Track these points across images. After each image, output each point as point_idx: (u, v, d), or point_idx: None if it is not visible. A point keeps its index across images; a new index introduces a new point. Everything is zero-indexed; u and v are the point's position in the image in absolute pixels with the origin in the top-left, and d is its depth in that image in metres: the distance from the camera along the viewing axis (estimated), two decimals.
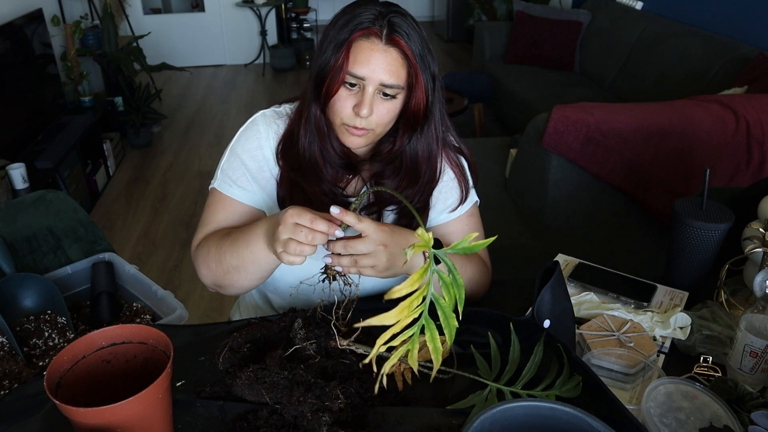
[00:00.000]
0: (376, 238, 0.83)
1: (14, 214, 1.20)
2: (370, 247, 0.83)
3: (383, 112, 0.93)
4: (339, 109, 0.93)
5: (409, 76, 0.92)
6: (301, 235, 0.80)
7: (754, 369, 0.86)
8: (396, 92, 0.92)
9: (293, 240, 0.80)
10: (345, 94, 0.92)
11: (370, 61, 0.89)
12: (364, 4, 0.91)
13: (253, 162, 1.02)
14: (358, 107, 0.91)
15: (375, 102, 0.92)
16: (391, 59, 0.90)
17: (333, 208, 0.80)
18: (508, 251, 2.18)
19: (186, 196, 3.45)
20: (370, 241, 0.83)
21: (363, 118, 0.92)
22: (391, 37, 0.89)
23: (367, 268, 0.84)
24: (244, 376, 0.76)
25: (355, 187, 1.06)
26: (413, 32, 0.91)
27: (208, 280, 1.00)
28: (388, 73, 0.90)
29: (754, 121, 1.99)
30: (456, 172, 1.07)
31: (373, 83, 0.90)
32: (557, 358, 0.81)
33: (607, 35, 3.84)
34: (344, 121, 0.94)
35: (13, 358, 0.99)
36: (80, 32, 3.70)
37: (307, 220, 0.80)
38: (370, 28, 0.89)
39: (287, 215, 0.81)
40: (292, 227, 0.80)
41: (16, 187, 2.60)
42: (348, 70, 0.90)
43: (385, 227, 0.85)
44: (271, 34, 6.02)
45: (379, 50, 0.89)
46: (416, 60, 0.91)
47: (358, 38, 0.89)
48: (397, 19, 0.90)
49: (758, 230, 1.02)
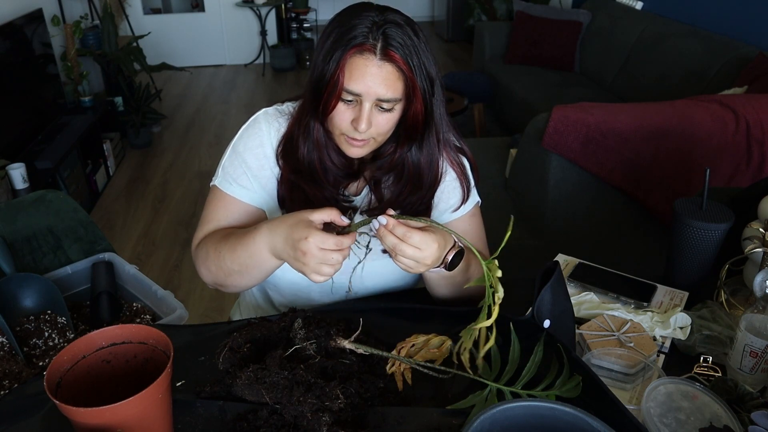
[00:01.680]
0: (428, 254, 0.85)
1: (14, 214, 1.20)
2: (418, 258, 0.84)
3: (382, 122, 0.93)
4: (338, 123, 0.93)
5: (406, 87, 0.91)
6: (332, 260, 0.82)
7: (754, 369, 0.86)
8: (393, 105, 0.92)
9: (325, 265, 0.82)
10: (343, 109, 0.92)
11: (365, 77, 0.88)
12: (358, 14, 0.89)
13: (254, 160, 1.02)
14: (356, 122, 0.91)
15: (373, 115, 0.91)
16: (386, 74, 0.88)
17: (383, 218, 0.83)
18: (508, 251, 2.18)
19: (186, 196, 3.45)
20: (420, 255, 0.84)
21: (362, 132, 0.92)
22: (386, 51, 0.87)
23: (409, 260, 0.85)
24: (244, 376, 0.76)
25: (357, 186, 1.06)
26: (409, 41, 0.89)
27: (208, 279, 1.01)
28: (384, 88, 0.89)
29: (754, 121, 1.99)
30: (457, 172, 1.07)
31: (370, 98, 0.90)
32: (557, 358, 0.81)
33: (607, 35, 3.84)
34: (344, 131, 0.94)
35: (13, 358, 0.99)
36: (80, 32, 3.70)
37: (332, 244, 0.81)
38: (363, 44, 0.87)
39: (311, 245, 0.81)
40: (321, 254, 0.81)
41: (16, 187, 2.60)
42: (344, 86, 0.89)
43: (435, 246, 0.85)
44: (271, 34, 6.02)
45: (374, 66, 0.88)
46: (413, 72, 0.89)
47: (352, 54, 0.88)
48: (392, 30, 0.88)
49: (758, 230, 1.02)
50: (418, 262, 0.85)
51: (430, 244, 0.84)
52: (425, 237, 0.84)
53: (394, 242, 0.83)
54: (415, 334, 0.87)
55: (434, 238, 0.85)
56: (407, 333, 0.88)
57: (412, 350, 0.86)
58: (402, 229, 0.83)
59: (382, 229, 0.84)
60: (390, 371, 0.82)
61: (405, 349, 0.85)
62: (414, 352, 0.86)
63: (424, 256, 0.84)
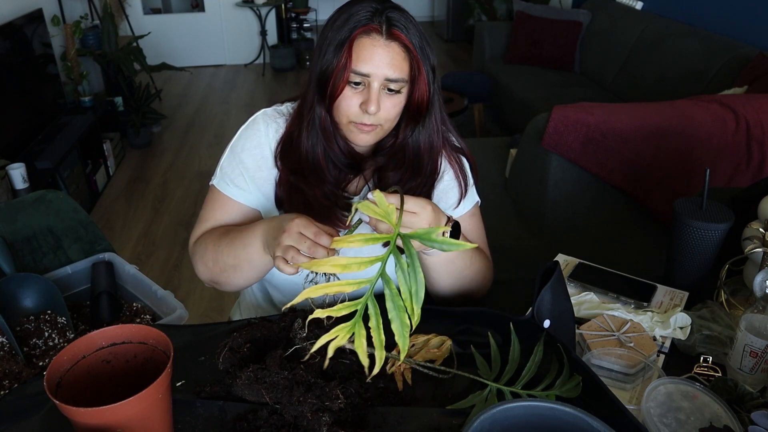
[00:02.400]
0: (424, 216, 0.82)
1: (14, 214, 1.20)
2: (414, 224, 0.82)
3: (389, 106, 0.94)
4: (345, 108, 0.94)
5: (411, 68, 0.93)
6: (303, 246, 0.80)
7: (754, 369, 0.86)
8: (400, 86, 0.93)
9: (293, 248, 0.81)
10: (350, 93, 0.92)
11: (373, 57, 0.89)
12: (358, 2, 0.91)
13: (251, 161, 1.02)
14: (365, 104, 0.92)
15: (381, 98, 0.92)
16: (393, 53, 0.90)
17: (369, 194, 0.78)
18: (508, 251, 2.18)
19: (186, 196, 3.45)
20: (416, 220, 0.82)
21: (371, 115, 0.92)
22: (391, 31, 0.89)
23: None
24: (244, 376, 0.76)
25: (356, 185, 1.06)
26: (411, 25, 0.92)
27: (204, 276, 1.02)
28: (391, 68, 0.90)
29: (754, 121, 1.99)
30: (455, 170, 1.08)
31: (378, 79, 0.91)
32: (557, 358, 0.81)
33: (607, 35, 3.84)
34: (351, 119, 0.94)
35: (13, 358, 0.99)
36: (80, 32, 3.70)
37: (311, 232, 0.81)
38: (369, 24, 0.89)
39: (293, 223, 0.81)
40: (296, 236, 0.81)
41: (16, 187, 2.60)
42: (352, 68, 0.90)
43: (429, 207, 0.83)
44: (271, 34, 6.02)
45: (380, 45, 0.90)
46: (417, 52, 0.91)
47: (358, 36, 0.89)
48: (394, 14, 0.91)
49: (758, 230, 1.02)
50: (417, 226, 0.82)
51: (423, 206, 0.83)
52: (417, 199, 0.83)
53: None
54: (415, 334, 0.87)
55: (425, 200, 0.84)
56: None
57: (412, 350, 0.86)
58: (393, 197, 0.80)
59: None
60: (390, 371, 0.82)
61: None
62: (414, 352, 0.86)
63: (420, 219, 0.82)
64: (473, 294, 1.05)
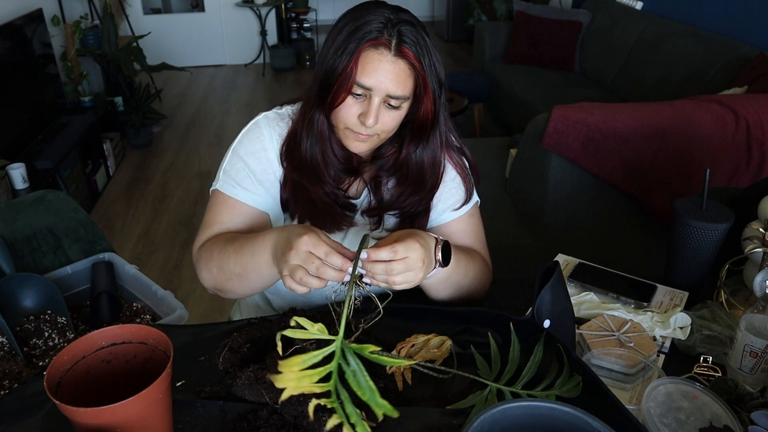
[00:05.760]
0: (416, 257, 0.81)
1: (14, 214, 1.20)
2: (410, 266, 0.81)
3: (388, 120, 0.93)
4: (344, 116, 0.93)
5: (416, 86, 0.92)
6: (312, 266, 0.77)
7: (754, 369, 0.86)
8: (401, 103, 0.92)
9: (302, 268, 0.78)
10: (351, 102, 0.92)
11: (378, 72, 0.88)
12: (372, 10, 0.89)
13: (257, 164, 1.01)
14: (363, 116, 0.91)
15: (380, 111, 0.91)
16: (398, 70, 0.89)
17: (363, 252, 0.78)
18: (508, 251, 2.18)
19: (186, 196, 3.45)
20: (411, 262, 0.80)
21: (368, 127, 0.92)
22: (400, 48, 0.88)
23: (403, 283, 0.82)
24: (244, 376, 0.76)
25: (356, 188, 1.06)
26: (422, 41, 0.89)
27: (208, 283, 0.99)
28: (395, 85, 0.89)
29: (754, 121, 1.99)
30: (458, 172, 1.07)
31: (380, 94, 0.90)
32: (557, 358, 0.81)
33: (607, 35, 3.84)
34: (349, 126, 0.94)
35: (13, 358, 0.99)
36: (80, 32, 3.70)
37: (322, 252, 0.77)
38: (379, 38, 0.87)
39: (302, 242, 0.78)
40: (305, 255, 0.78)
41: (16, 187, 2.60)
42: (356, 80, 0.89)
43: (417, 245, 0.81)
44: (271, 34, 6.02)
45: (387, 61, 0.88)
46: (425, 71, 0.90)
47: (366, 48, 0.88)
48: (406, 28, 0.89)
49: (758, 230, 1.02)
50: (412, 270, 0.81)
51: (412, 247, 0.80)
52: (404, 243, 0.80)
53: (382, 267, 0.79)
54: (415, 334, 0.87)
55: (412, 240, 0.81)
56: (407, 333, 0.88)
57: (412, 350, 0.86)
58: (386, 250, 0.79)
59: (368, 263, 0.80)
60: (390, 371, 0.82)
61: (405, 349, 0.85)
62: (414, 352, 0.86)
63: (413, 261, 0.80)
64: (472, 297, 1.05)
